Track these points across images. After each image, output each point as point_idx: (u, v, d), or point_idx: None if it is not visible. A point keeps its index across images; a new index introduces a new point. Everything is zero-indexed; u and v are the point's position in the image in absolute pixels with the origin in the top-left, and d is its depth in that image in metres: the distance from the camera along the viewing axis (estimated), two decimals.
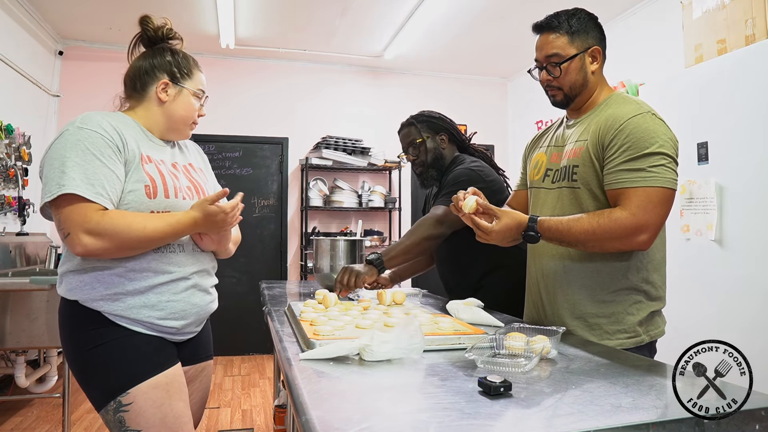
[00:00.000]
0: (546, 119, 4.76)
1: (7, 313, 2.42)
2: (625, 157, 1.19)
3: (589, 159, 1.26)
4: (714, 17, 2.44)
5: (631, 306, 1.26)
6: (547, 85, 1.37)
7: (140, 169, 1.20)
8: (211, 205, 1.21)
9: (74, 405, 3.21)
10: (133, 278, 1.19)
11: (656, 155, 1.17)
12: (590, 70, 1.33)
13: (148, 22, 1.34)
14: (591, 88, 1.34)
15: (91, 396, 1.18)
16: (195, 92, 1.34)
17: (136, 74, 1.31)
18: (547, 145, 1.46)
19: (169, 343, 1.27)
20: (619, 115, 1.23)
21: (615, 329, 1.26)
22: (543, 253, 1.40)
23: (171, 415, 1.19)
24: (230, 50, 4.56)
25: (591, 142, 1.27)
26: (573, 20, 1.32)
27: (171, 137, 1.36)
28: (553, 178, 1.37)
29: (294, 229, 4.91)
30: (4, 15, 3.53)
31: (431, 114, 1.96)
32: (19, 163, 3.57)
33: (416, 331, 0.97)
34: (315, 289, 1.84)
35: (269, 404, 3.35)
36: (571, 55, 1.31)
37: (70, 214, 1.09)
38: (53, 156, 1.13)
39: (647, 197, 1.15)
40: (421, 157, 1.93)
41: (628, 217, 1.15)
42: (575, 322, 1.31)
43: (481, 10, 3.82)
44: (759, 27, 2.23)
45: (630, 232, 1.16)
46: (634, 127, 1.19)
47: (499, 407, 0.73)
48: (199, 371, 1.42)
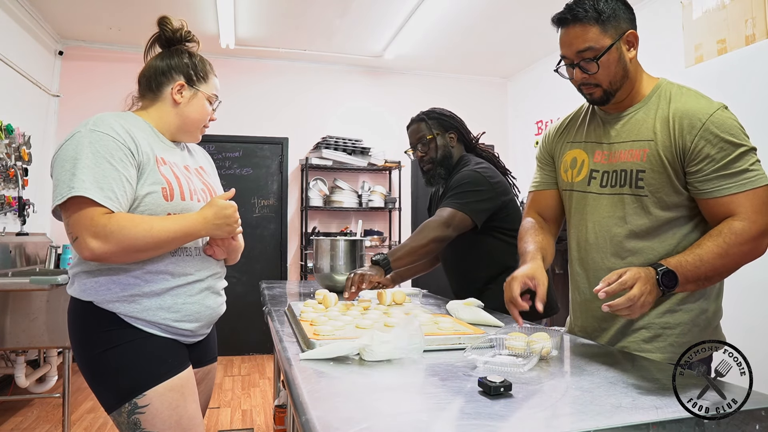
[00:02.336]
0: (546, 119, 4.76)
1: (7, 313, 2.42)
2: (721, 160, 1.09)
3: (660, 164, 1.14)
4: (714, 17, 2.45)
5: (698, 316, 1.18)
6: (582, 83, 1.20)
7: (156, 171, 1.19)
8: (220, 199, 1.22)
9: (74, 405, 3.21)
10: (150, 280, 1.19)
11: (748, 153, 1.09)
12: (629, 58, 1.18)
13: (166, 23, 1.33)
14: (633, 79, 1.20)
15: (103, 397, 1.17)
16: (209, 96, 1.35)
17: (153, 74, 1.31)
18: (583, 140, 1.31)
19: (182, 345, 1.27)
20: (694, 113, 1.11)
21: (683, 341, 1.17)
22: (599, 265, 1.26)
23: (186, 417, 1.19)
24: (230, 50, 4.56)
25: (661, 144, 1.14)
26: (600, 4, 1.14)
27: (181, 139, 1.36)
28: (603, 181, 1.23)
29: (294, 229, 4.91)
30: (4, 15, 3.53)
31: (442, 111, 1.94)
32: (19, 163, 3.57)
33: (416, 331, 0.97)
34: (315, 289, 1.84)
35: (269, 404, 3.35)
36: (607, 47, 1.14)
37: (78, 218, 1.09)
38: (64, 157, 1.12)
39: (759, 199, 1.07)
40: (430, 154, 1.90)
41: (750, 227, 1.07)
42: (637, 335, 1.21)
43: (481, 10, 3.83)
44: (759, 27, 2.23)
45: (758, 241, 1.07)
46: (718, 127, 1.09)
47: (499, 407, 0.73)
48: (205, 374, 1.42)
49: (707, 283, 1.12)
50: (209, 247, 1.29)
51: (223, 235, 1.25)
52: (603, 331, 1.28)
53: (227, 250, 1.33)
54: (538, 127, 4.89)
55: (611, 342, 1.25)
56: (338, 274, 1.97)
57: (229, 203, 1.23)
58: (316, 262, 2.02)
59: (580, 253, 1.31)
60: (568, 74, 1.21)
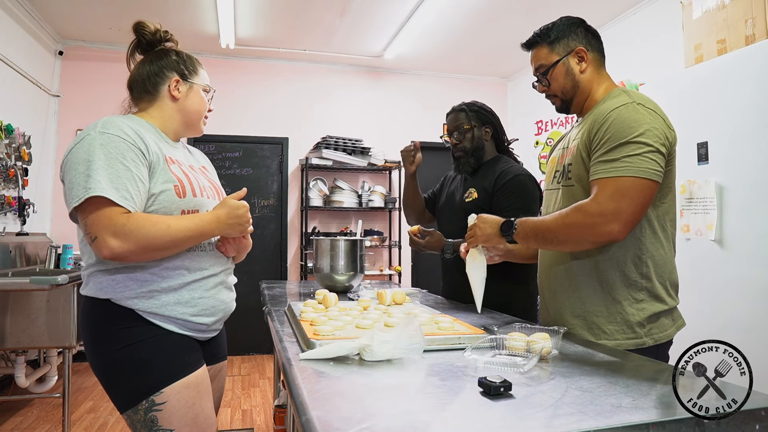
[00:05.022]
0: (546, 119, 4.77)
1: (7, 313, 2.42)
2: (604, 149, 1.18)
3: (580, 156, 1.27)
4: (714, 17, 2.44)
5: (631, 305, 1.24)
6: (546, 95, 1.42)
7: (167, 170, 1.22)
8: (233, 199, 1.25)
9: (74, 405, 3.21)
10: (167, 276, 1.20)
11: (633, 144, 1.15)
12: (578, 71, 1.35)
13: (143, 28, 1.34)
14: (585, 89, 1.35)
15: (119, 395, 1.17)
16: (204, 87, 1.38)
17: (146, 77, 1.32)
18: (558, 148, 1.48)
19: (197, 343, 1.28)
20: (605, 109, 1.24)
21: (613, 329, 1.25)
22: (547, 251, 1.41)
23: (202, 415, 1.20)
24: (230, 50, 4.56)
25: (581, 139, 1.28)
26: (552, 30, 1.36)
27: (186, 134, 1.39)
28: (558, 178, 1.38)
29: (294, 229, 4.91)
30: (4, 15, 3.53)
31: (483, 106, 2.00)
32: (19, 163, 3.57)
33: (416, 331, 0.97)
34: (315, 289, 1.84)
35: (269, 404, 3.35)
36: (553, 62, 1.35)
37: (97, 218, 1.09)
38: (76, 161, 1.12)
39: (616, 187, 1.14)
40: (464, 143, 1.96)
41: (593, 206, 1.15)
42: (575, 321, 1.30)
43: (481, 10, 3.83)
44: (759, 27, 2.23)
45: (596, 221, 1.14)
46: (615, 118, 1.19)
47: (499, 407, 0.73)
48: (217, 371, 1.44)
49: (547, 244, 1.26)
50: (221, 244, 1.32)
51: (235, 234, 1.27)
52: (549, 316, 1.42)
53: (237, 248, 1.36)
54: (537, 127, 4.89)
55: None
56: (338, 274, 1.97)
57: (241, 203, 1.25)
58: (316, 262, 2.02)
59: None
60: (538, 89, 1.43)
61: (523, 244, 1.29)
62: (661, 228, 1.26)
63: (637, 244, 1.24)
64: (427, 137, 5.13)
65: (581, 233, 1.17)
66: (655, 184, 1.16)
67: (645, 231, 1.24)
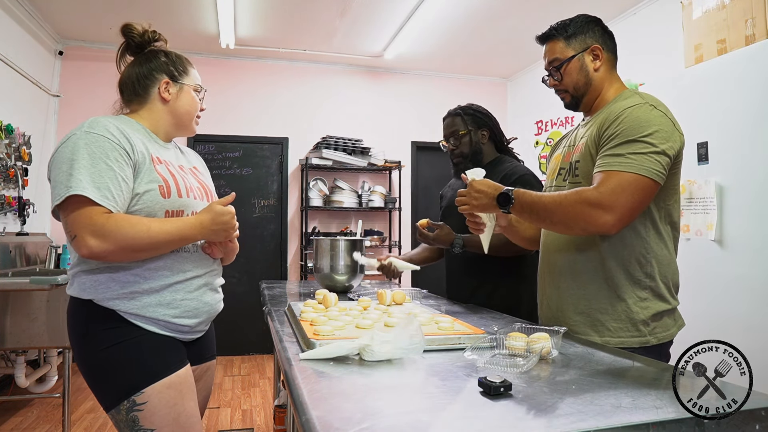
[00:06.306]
0: (546, 119, 4.76)
1: (7, 313, 2.42)
2: (613, 143, 1.20)
3: (588, 153, 1.28)
4: (714, 17, 2.44)
5: (636, 303, 1.24)
6: (556, 90, 1.41)
7: (152, 170, 1.21)
8: (219, 205, 1.24)
9: (74, 405, 3.21)
10: (149, 277, 1.20)
11: (641, 143, 1.16)
12: (592, 68, 1.35)
13: (131, 30, 1.35)
14: (596, 87, 1.36)
15: (102, 395, 1.18)
16: (195, 87, 1.38)
17: (135, 79, 1.32)
18: (563, 146, 1.48)
19: (180, 343, 1.28)
20: (618, 108, 1.24)
21: (618, 326, 1.25)
22: (551, 247, 1.41)
23: (184, 415, 1.20)
24: (230, 50, 4.56)
25: (590, 136, 1.29)
26: (570, 25, 1.37)
27: (178, 135, 1.39)
28: (564, 176, 1.39)
29: (294, 229, 4.91)
30: (4, 15, 3.53)
31: (479, 109, 1.99)
32: (19, 163, 3.57)
33: (416, 331, 0.97)
34: (315, 289, 1.84)
35: (269, 404, 3.35)
36: (568, 57, 1.35)
37: (77, 217, 1.10)
38: (61, 160, 1.14)
39: (618, 181, 1.15)
40: (461, 148, 1.94)
41: (593, 194, 1.15)
42: (578, 318, 1.30)
43: (481, 10, 3.83)
44: (759, 27, 2.23)
45: (592, 209, 1.14)
46: (627, 117, 1.20)
47: (499, 407, 0.73)
48: (204, 371, 1.43)
49: (540, 221, 1.26)
50: (207, 246, 1.32)
51: (219, 239, 1.28)
52: (551, 313, 1.42)
53: (224, 251, 1.36)
54: (537, 127, 4.89)
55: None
56: (338, 274, 1.97)
57: (227, 209, 1.25)
58: (316, 262, 2.02)
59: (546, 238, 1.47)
60: (548, 83, 1.43)
61: (517, 216, 1.29)
62: (665, 229, 1.27)
63: (642, 244, 1.24)
64: (427, 137, 5.13)
65: (576, 218, 1.17)
66: (656, 184, 1.17)
67: (650, 231, 1.25)
